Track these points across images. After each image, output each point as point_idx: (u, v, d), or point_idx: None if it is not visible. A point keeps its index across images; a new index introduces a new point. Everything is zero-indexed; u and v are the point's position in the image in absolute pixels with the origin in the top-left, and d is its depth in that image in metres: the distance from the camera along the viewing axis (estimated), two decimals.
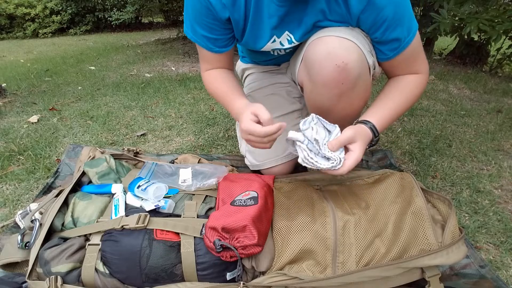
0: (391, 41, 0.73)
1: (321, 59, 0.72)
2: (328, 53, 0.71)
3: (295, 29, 0.78)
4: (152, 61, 3.17)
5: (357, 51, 0.72)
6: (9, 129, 1.54)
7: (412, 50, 0.75)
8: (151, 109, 1.77)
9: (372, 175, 0.82)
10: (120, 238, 0.67)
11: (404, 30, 0.72)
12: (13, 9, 6.47)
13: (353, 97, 0.77)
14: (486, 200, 1.02)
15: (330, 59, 0.71)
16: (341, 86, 0.74)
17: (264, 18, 0.76)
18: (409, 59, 0.77)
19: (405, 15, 0.71)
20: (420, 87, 0.81)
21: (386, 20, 0.70)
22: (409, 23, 0.72)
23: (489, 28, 2.11)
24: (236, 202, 0.69)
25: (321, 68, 0.73)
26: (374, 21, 0.71)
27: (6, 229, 0.89)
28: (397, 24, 0.70)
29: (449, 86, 2.18)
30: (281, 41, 0.82)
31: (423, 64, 0.80)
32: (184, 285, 0.64)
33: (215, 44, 0.84)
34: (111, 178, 0.88)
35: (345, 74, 0.71)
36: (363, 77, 0.75)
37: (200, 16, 0.78)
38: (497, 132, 1.47)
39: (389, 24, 0.70)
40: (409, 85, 0.80)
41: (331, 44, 0.71)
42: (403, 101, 0.79)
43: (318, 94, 0.78)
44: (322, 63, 0.72)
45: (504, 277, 0.76)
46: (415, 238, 0.63)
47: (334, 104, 0.79)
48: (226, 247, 0.62)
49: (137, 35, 6.02)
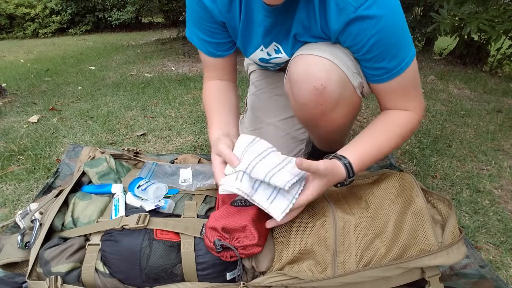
0: (374, 68, 0.68)
1: (301, 80, 0.71)
2: (307, 74, 0.69)
3: (282, 40, 0.76)
4: (152, 61, 3.17)
5: (337, 73, 0.69)
6: (9, 129, 1.54)
7: (402, 82, 0.69)
8: (151, 109, 1.77)
9: (372, 175, 0.82)
10: (120, 238, 0.67)
11: (391, 60, 0.65)
12: (13, 9, 6.47)
13: (334, 116, 0.75)
14: (486, 200, 1.02)
15: (309, 81, 0.69)
16: (321, 107, 0.72)
17: (254, 26, 0.75)
18: (397, 91, 0.70)
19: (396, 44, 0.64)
20: (407, 127, 0.72)
21: (366, 46, 0.64)
22: (401, 53, 0.65)
23: (489, 28, 2.11)
24: (236, 202, 0.69)
25: (301, 89, 0.71)
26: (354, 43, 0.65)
27: (6, 229, 0.89)
28: (381, 53, 0.64)
29: (449, 86, 2.18)
30: (268, 51, 0.80)
31: (414, 102, 0.72)
32: (184, 285, 0.64)
33: (216, 49, 0.82)
34: (111, 178, 0.88)
35: (323, 97, 0.70)
36: (346, 97, 0.73)
37: (200, 21, 0.78)
38: (497, 132, 1.47)
39: (368, 50, 0.65)
40: (395, 122, 0.72)
41: (310, 65, 0.69)
42: (386, 140, 0.70)
43: (301, 110, 0.77)
44: (302, 84, 0.71)
45: (504, 277, 0.76)
46: (415, 238, 0.63)
47: (317, 120, 0.77)
48: (226, 247, 0.62)
49: (137, 35, 6.02)
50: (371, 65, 0.68)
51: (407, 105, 0.72)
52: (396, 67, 0.66)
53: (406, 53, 0.66)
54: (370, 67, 0.69)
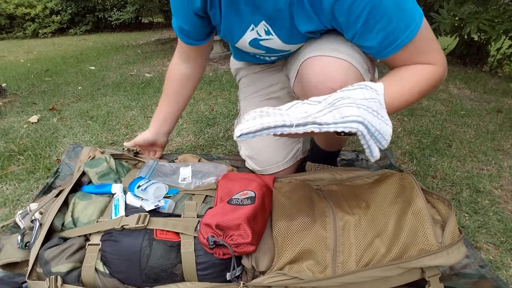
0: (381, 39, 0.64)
1: (317, 82, 0.70)
2: (324, 76, 0.69)
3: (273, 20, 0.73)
4: (152, 61, 3.17)
5: (353, 72, 0.69)
6: (9, 129, 1.54)
7: (417, 45, 0.64)
8: (151, 109, 1.77)
9: (372, 175, 0.82)
10: (120, 238, 0.67)
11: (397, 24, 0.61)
12: (13, 9, 6.47)
13: None
14: (486, 200, 1.02)
15: (326, 83, 0.69)
16: None
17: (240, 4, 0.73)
18: (413, 56, 0.66)
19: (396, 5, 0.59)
20: (433, 77, 0.66)
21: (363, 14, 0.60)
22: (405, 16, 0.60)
23: (489, 28, 2.11)
24: (233, 201, 0.69)
25: (318, 91, 0.70)
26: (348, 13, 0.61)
27: (6, 229, 0.89)
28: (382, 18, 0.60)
29: (449, 86, 2.18)
30: (258, 30, 0.77)
31: (435, 55, 0.67)
32: (184, 285, 0.64)
33: (192, 37, 0.87)
34: (111, 178, 0.88)
35: None
36: None
37: (178, 7, 0.81)
38: (497, 132, 1.47)
39: (367, 19, 0.60)
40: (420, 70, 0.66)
41: (326, 67, 0.68)
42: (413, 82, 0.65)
43: None
44: (319, 86, 0.70)
45: (504, 277, 0.76)
46: (415, 238, 0.63)
47: None
48: (219, 244, 0.62)
49: (137, 35, 6.02)
50: (375, 35, 0.63)
51: (428, 60, 0.66)
52: (404, 32, 0.62)
53: (411, 16, 0.61)
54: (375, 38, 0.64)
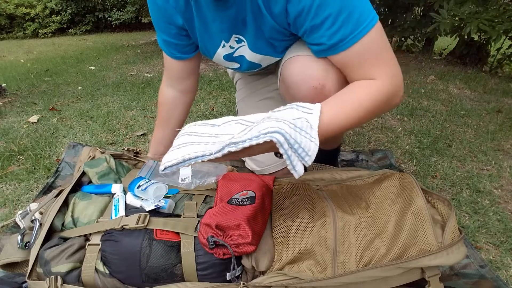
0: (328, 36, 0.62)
1: (298, 81, 0.70)
2: (304, 74, 0.69)
3: (242, 30, 0.73)
4: (152, 61, 3.17)
5: (334, 71, 0.68)
6: (9, 129, 1.54)
7: (364, 49, 0.61)
8: (151, 109, 1.77)
9: (372, 175, 0.82)
10: (120, 238, 0.67)
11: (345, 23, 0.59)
12: (13, 9, 6.46)
13: None
14: (486, 200, 1.02)
15: (307, 81, 0.69)
16: None
17: (209, 22, 0.73)
18: (359, 59, 0.63)
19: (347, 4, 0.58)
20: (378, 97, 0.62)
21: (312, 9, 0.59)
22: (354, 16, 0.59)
23: (489, 28, 2.11)
24: (233, 201, 0.69)
25: (299, 89, 0.71)
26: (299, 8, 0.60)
27: (6, 229, 0.89)
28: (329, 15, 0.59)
29: (449, 86, 2.18)
30: (231, 44, 0.77)
31: (385, 68, 0.63)
32: (184, 285, 0.64)
33: (177, 49, 0.84)
34: (111, 178, 0.88)
35: (323, 95, 0.68)
36: None
37: (158, 20, 0.79)
38: (497, 132, 1.47)
39: (316, 13, 0.59)
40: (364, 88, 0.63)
41: (306, 65, 0.68)
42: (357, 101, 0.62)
43: None
44: (300, 85, 0.70)
45: (504, 277, 0.76)
46: (415, 238, 0.63)
47: None
48: (219, 244, 0.62)
49: (137, 35, 6.02)
50: (323, 32, 0.62)
51: (371, 73, 0.63)
52: (352, 32, 0.60)
53: (362, 17, 0.60)
54: (324, 35, 0.62)
